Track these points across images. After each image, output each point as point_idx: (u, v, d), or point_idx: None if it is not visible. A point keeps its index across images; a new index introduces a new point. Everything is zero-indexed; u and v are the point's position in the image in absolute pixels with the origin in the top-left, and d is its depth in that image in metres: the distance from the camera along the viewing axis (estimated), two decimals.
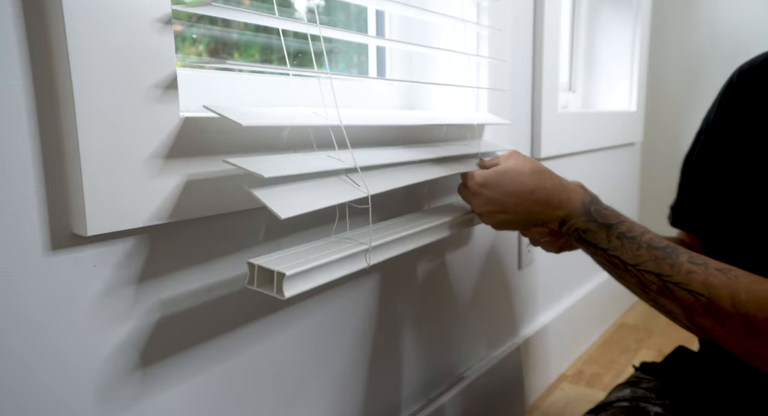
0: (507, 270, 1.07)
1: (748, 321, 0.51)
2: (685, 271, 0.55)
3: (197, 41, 0.66)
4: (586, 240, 0.63)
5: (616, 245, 0.60)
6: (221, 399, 0.56)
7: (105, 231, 0.43)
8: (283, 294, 0.48)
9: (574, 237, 0.65)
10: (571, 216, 0.64)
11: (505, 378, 1.04)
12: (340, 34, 0.61)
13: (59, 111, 0.42)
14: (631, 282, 0.60)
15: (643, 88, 1.68)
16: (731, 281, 0.53)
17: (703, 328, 0.55)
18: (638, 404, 0.70)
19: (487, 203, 0.68)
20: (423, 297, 0.83)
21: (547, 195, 0.65)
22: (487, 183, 0.68)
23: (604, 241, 0.61)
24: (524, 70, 1.06)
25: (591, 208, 0.64)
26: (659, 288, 0.57)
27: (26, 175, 0.41)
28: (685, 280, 0.55)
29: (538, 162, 0.71)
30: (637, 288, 0.59)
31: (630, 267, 0.59)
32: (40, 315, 0.42)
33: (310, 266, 0.50)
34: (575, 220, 0.64)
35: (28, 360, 0.42)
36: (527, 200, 0.66)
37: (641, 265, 0.58)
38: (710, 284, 0.53)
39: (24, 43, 0.40)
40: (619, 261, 0.60)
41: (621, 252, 0.60)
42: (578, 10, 1.57)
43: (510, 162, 0.69)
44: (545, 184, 0.66)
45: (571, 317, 1.35)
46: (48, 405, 0.43)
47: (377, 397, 0.76)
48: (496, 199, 0.67)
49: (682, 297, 0.55)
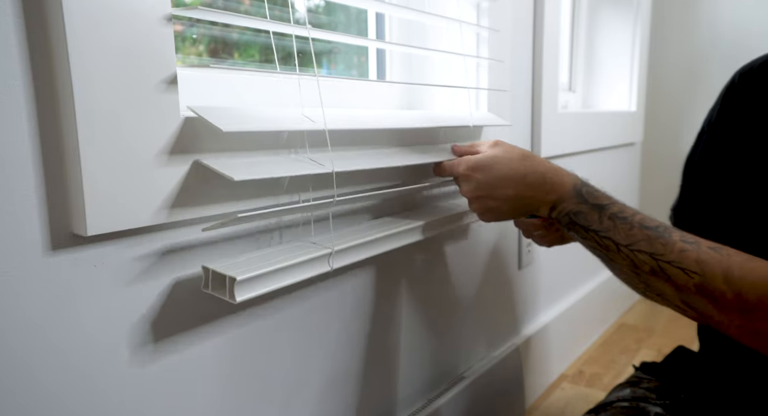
0: (507, 270, 1.07)
1: (740, 298, 0.51)
2: (678, 250, 0.55)
3: (197, 41, 0.66)
4: (577, 224, 0.62)
5: (608, 226, 0.59)
6: (221, 399, 0.56)
7: (105, 231, 0.43)
8: (235, 298, 0.48)
9: (565, 221, 0.64)
10: (563, 198, 0.64)
11: (505, 378, 1.04)
12: (329, 35, 0.61)
13: (59, 111, 0.42)
14: (623, 265, 0.59)
15: (643, 88, 1.68)
16: (724, 259, 0.53)
17: (695, 308, 0.54)
18: (638, 404, 0.70)
19: (478, 188, 0.67)
20: (423, 297, 0.83)
21: (539, 178, 0.65)
22: (478, 167, 0.67)
23: (596, 222, 0.60)
24: (524, 71, 1.06)
25: (582, 189, 0.64)
26: (652, 269, 0.56)
27: (26, 175, 0.41)
28: (678, 259, 0.54)
29: (525, 149, 0.71)
30: (629, 270, 0.58)
31: (623, 247, 0.58)
32: (40, 315, 0.42)
33: (263, 271, 0.50)
34: (567, 203, 0.63)
35: (27, 360, 0.42)
36: (519, 184, 0.65)
37: (634, 245, 0.57)
38: (703, 261, 0.53)
39: (24, 43, 0.40)
40: (612, 243, 0.59)
41: (613, 233, 0.59)
42: (578, 10, 1.57)
43: (498, 149, 0.68)
44: (537, 168, 0.66)
45: (571, 317, 1.35)
46: (48, 405, 0.43)
47: (377, 397, 0.76)
48: (487, 183, 0.67)
49: (674, 276, 0.54)
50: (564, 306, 1.33)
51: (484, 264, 0.98)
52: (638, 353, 1.44)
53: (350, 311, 0.70)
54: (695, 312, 0.55)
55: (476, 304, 0.97)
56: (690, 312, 0.55)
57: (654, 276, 0.56)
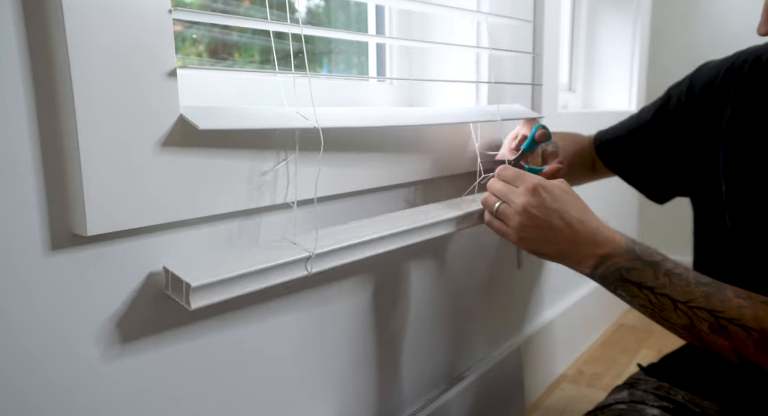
0: (507, 269, 1.07)
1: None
2: (736, 306, 0.54)
3: (197, 42, 0.66)
4: (629, 281, 0.59)
5: (665, 282, 0.57)
6: (220, 399, 0.56)
7: (105, 231, 0.44)
8: (190, 305, 0.45)
9: (613, 278, 0.60)
10: (615, 254, 0.60)
11: (505, 378, 1.04)
12: (323, 32, 0.61)
13: (59, 111, 0.42)
14: (678, 324, 0.57)
15: (643, 88, 1.68)
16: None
17: (753, 362, 0.54)
18: (636, 406, 0.70)
19: (539, 207, 0.62)
20: (422, 297, 0.83)
21: (593, 229, 0.61)
22: (550, 189, 0.63)
23: (652, 279, 0.58)
24: (524, 70, 1.06)
25: (635, 247, 0.61)
26: (711, 326, 0.55)
27: (26, 175, 0.41)
28: (737, 315, 0.54)
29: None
30: (684, 329, 0.57)
31: (680, 304, 0.56)
32: (40, 315, 0.42)
33: (222, 277, 0.46)
34: (619, 258, 0.60)
35: (27, 360, 0.42)
36: (574, 228, 0.61)
37: (692, 302, 0.56)
38: (760, 318, 0.53)
39: (24, 43, 0.40)
40: (668, 300, 0.57)
41: (670, 289, 0.57)
42: (578, 10, 1.57)
43: (566, 186, 0.65)
44: (593, 221, 0.62)
45: (571, 317, 1.35)
46: (48, 405, 0.43)
47: (377, 397, 0.77)
48: (550, 208, 0.62)
49: (734, 334, 0.54)
50: (564, 305, 1.33)
51: (483, 263, 0.98)
52: (638, 353, 1.44)
53: (349, 311, 0.70)
54: (751, 365, 0.55)
55: (476, 304, 0.97)
56: (746, 364, 0.55)
57: (713, 334, 0.55)
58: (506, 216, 0.65)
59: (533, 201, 0.62)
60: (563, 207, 0.62)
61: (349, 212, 0.68)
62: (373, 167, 0.68)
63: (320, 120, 0.56)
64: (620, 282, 0.60)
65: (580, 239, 0.61)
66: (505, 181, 0.67)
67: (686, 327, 0.56)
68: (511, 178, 0.66)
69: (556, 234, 0.62)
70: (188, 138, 0.48)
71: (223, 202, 0.52)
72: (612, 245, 0.60)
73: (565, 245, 0.62)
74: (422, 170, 0.76)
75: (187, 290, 0.45)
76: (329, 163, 0.62)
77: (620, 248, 0.60)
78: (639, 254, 0.60)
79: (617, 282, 0.60)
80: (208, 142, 0.50)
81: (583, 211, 0.63)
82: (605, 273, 0.61)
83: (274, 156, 0.56)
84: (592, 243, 0.61)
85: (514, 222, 0.64)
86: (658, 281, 0.58)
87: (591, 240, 0.61)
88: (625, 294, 0.60)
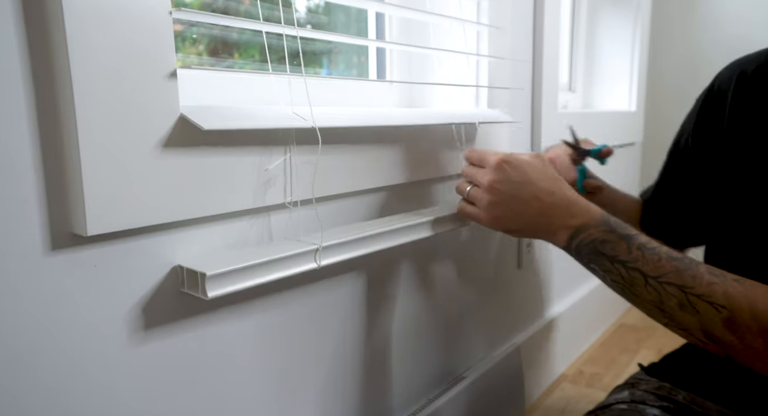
0: (506, 269, 1.07)
1: (766, 333, 0.50)
2: (706, 283, 0.53)
3: (197, 41, 0.66)
4: (602, 253, 0.58)
5: (637, 256, 0.56)
6: (220, 398, 0.56)
7: (105, 231, 0.43)
8: (207, 294, 0.47)
9: (587, 250, 0.60)
10: (590, 225, 0.60)
11: (505, 378, 1.04)
12: (317, 34, 0.61)
13: (59, 111, 0.42)
14: (647, 300, 0.56)
15: (643, 88, 1.68)
16: (748, 292, 0.51)
17: (720, 341, 0.53)
18: (636, 406, 0.70)
19: (504, 182, 0.61)
20: (422, 297, 0.83)
21: (566, 200, 0.61)
22: (514, 163, 0.62)
23: (625, 253, 0.57)
24: (524, 70, 1.06)
25: (610, 219, 0.60)
26: (680, 302, 0.54)
27: (26, 175, 0.41)
28: (707, 292, 0.52)
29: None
30: (653, 305, 0.56)
31: (651, 280, 0.55)
32: (40, 315, 0.42)
33: (235, 267, 0.49)
34: (593, 230, 0.59)
35: (27, 360, 0.42)
36: (546, 199, 0.61)
37: (663, 277, 0.55)
38: (730, 295, 0.52)
39: (24, 43, 0.40)
40: (639, 274, 0.56)
41: (642, 263, 0.56)
42: (578, 10, 1.57)
43: (535, 159, 0.64)
44: (566, 191, 0.62)
45: (571, 317, 1.35)
46: (48, 405, 0.43)
47: (377, 397, 0.76)
48: (516, 182, 0.61)
49: (703, 311, 0.52)
50: (564, 305, 1.33)
51: (483, 263, 0.98)
52: (638, 353, 1.44)
53: (349, 310, 0.70)
54: (719, 345, 0.53)
55: (476, 304, 0.97)
56: (712, 346, 0.54)
57: (682, 311, 0.54)
58: (476, 198, 0.64)
59: (499, 176, 0.62)
60: (530, 179, 0.61)
61: (349, 212, 0.68)
62: (371, 166, 0.68)
63: (317, 119, 0.56)
64: (593, 255, 0.59)
65: (552, 211, 0.61)
66: (472, 163, 0.66)
67: (655, 303, 0.55)
68: (476, 160, 0.66)
69: (525, 207, 0.61)
70: (188, 138, 0.48)
71: (223, 201, 0.52)
72: (587, 216, 0.60)
73: (537, 218, 0.61)
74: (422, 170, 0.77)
75: (202, 280, 0.47)
76: (329, 162, 0.62)
77: (595, 219, 0.60)
78: (613, 226, 0.59)
79: (590, 254, 0.59)
80: (208, 141, 0.50)
81: (554, 182, 0.62)
82: (580, 245, 0.60)
83: (273, 155, 0.56)
84: (566, 214, 0.60)
85: (484, 202, 0.63)
86: (630, 255, 0.57)
87: (565, 211, 0.61)
88: (597, 268, 0.60)
